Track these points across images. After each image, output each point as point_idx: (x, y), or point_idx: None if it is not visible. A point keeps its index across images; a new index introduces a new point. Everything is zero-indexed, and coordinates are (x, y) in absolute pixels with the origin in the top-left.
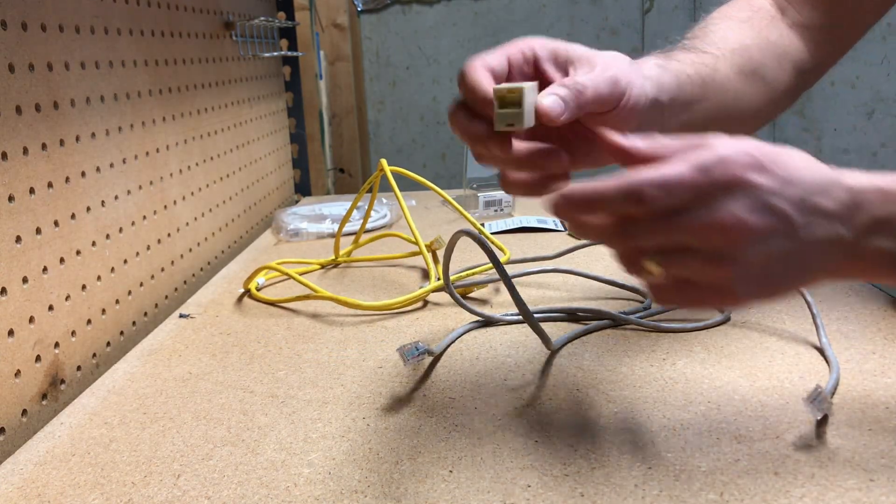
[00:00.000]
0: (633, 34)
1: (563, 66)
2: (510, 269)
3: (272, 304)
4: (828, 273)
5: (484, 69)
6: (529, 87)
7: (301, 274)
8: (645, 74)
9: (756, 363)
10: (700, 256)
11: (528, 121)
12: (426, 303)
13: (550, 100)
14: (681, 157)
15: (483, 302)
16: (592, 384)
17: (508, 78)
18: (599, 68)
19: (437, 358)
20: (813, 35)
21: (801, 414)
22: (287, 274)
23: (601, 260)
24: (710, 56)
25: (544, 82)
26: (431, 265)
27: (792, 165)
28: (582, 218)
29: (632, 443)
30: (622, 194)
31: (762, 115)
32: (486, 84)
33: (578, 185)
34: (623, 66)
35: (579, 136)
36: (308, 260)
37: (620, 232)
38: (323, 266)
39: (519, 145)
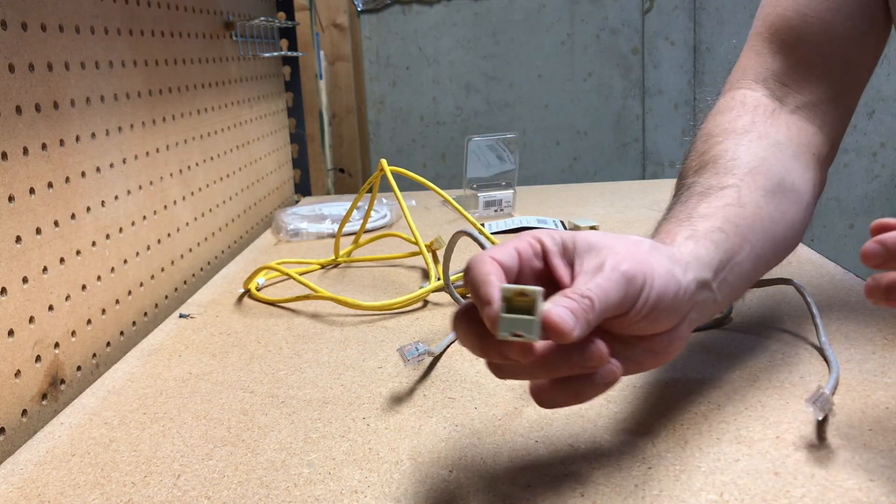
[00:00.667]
0: (634, 34)
1: (571, 260)
2: None
3: (272, 304)
4: None
5: (493, 263)
6: (541, 292)
7: (301, 274)
8: (676, 258)
9: (756, 363)
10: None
11: (539, 331)
12: (426, 303)
13: (559, 311)
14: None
15: None
16: None
17: (518, 279)
18: (609, 266)
19: (437, 358)
20: (819, 111)
21: (801, 414)
22: (287, 274)
23: None
24: (731, 190)
25: (552, 281)
26: (431, 265)
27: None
28: None
29: (632, 443)
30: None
31: (804, 223)
32: (496, 282)
33: None
34: (641, 256)
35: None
36: (308, 260)
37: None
38: (323, 266)
39: (541, 344)
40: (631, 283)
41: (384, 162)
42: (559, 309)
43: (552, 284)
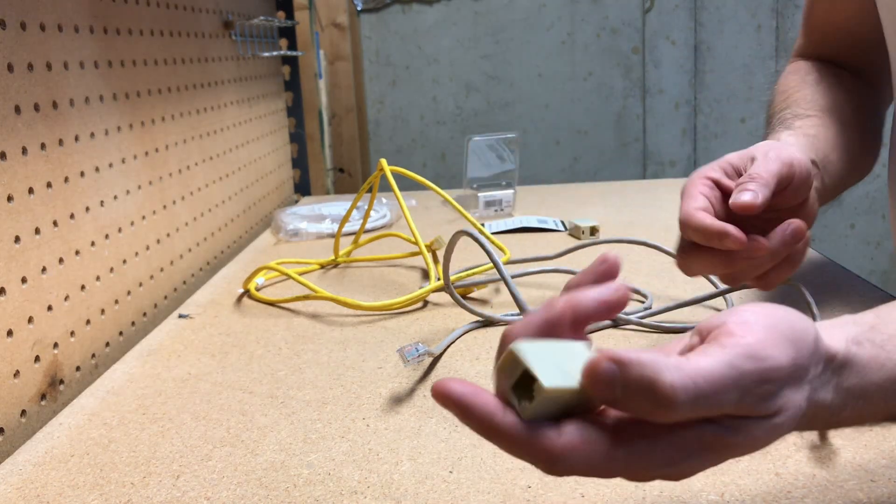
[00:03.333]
0: (634, 33)
1: (738, 173)
2: (510, 269)
3: (272, 304)
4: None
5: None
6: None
7: (301, 274)
8: (791, 144)
9: None
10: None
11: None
12: (426, 303)
13: (747, 195)
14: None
15: (483, 302)
16: None
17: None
18: (761, 157)
19: (437, 358)
20: (865, 85)
21: None
22: (286, 274)
23: None
24: (815, 118)
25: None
26: (431, 265)
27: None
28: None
29: None
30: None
31: (871, 157)
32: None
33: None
34: (775, 145)
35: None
36: (307, 260)
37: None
38: (322, 266)
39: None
40: (781, 160)
41: (384, 162)
42: (745, 193)
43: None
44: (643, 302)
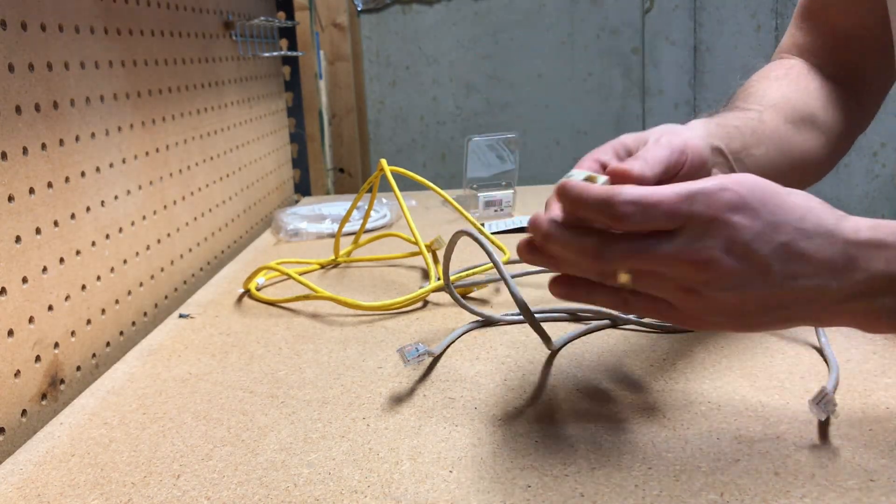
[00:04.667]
0: (634, 34)
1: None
2: (510, 270)
3: (272, 304)
4: (815, 320)
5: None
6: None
7: (301, 274)
8: (690, 127)
9: (756, 363)
10: (672, 283)
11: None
12: (426, 303)
13: (629, 164)
14: (672, 186)
15: (483, 302)
16: (592, 384)
17: None
18: (653, 141)
19: (437, 358)
20: (846, 85)
21: (801, 414)
22: (287, 274)
23: None
24: (753, 111)
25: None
26: (431, 265)
27: (786, 207)
28: (551, 246)
29: (632, 443)
30: (599, 202)
31: (825, 160)
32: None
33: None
34: (671, 130)
35: None
36: (308, 260)
37: (592, 251)
38: (323, 266)
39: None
40: (672, 146)
41: (384, 162)
42: (634, 162)
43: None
44: None
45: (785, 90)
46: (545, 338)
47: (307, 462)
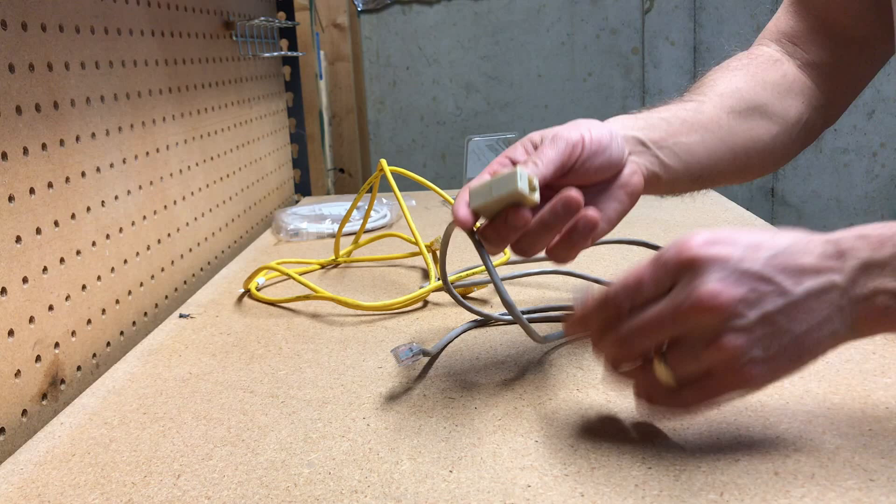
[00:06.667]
0: (634, 34)
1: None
2: (510, 269)
3: (272, 304)
4: (844, 333)
5: (465, 190)
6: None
7: (301, 274)
8: (606, 122)
9: None
10: (699, 342)
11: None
12: (426, 303)
13: (528, 167)
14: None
15: (483, 301)
16: (592, 384)
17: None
18: (548, 140)
19: (436, 358)
20: (822, 73)
21: (801, 414)
22: (287, 274)
23: (601, 260)
24: (693, 102)
25: None
26: (431, 265)
27: (754, 237)
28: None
29: (632, 443)
30: (599, 306)
31: (779, 150)
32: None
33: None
34: (573, 126)
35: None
36: (308, 260)
37: (609, 339)
38: (323, 266)
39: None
40: (566, 142)
41: (384, 162)
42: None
43: None
44: None
45: (737, 81)
46: (531, 332)
47: (307, 462)
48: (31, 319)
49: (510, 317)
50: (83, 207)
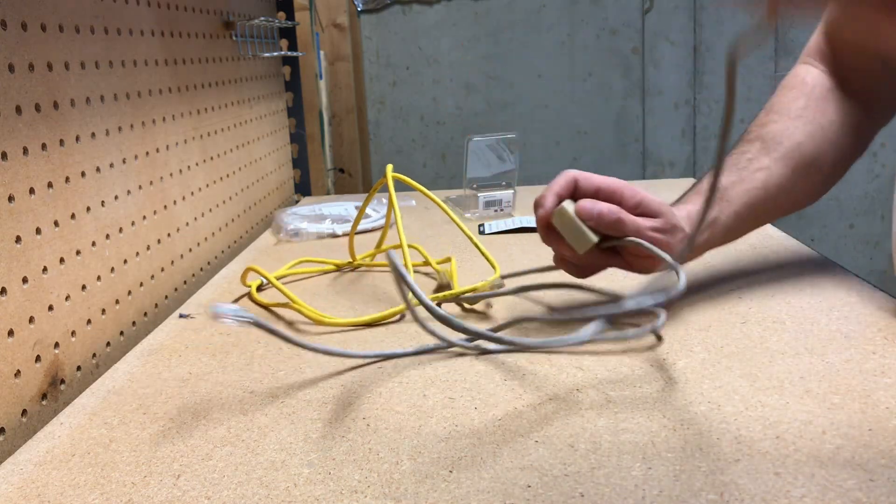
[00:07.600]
0: (634, 34)
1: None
2: (506, 282)
3: (265, 307)
4: None
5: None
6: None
7: (318, 274)
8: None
9: (756, 363)
10: None
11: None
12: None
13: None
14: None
15: (485, 315)
16: (592, 384)
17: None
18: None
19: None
20: (861, 105)
21: (801, 414)
22: (267, 278)
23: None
24: (762, 172)
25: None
26: (452, 276)
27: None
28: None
29: (632, 443)
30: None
31: (822, 191)
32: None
33: None
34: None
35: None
36: (326, 259)
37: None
38: (339, 268)
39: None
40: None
41: (390, 168)
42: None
43: None
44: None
45: (798, 135)
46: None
47: (307, 462)
48: (31, 319)
49: (463, 343)
50: (83, 207)
